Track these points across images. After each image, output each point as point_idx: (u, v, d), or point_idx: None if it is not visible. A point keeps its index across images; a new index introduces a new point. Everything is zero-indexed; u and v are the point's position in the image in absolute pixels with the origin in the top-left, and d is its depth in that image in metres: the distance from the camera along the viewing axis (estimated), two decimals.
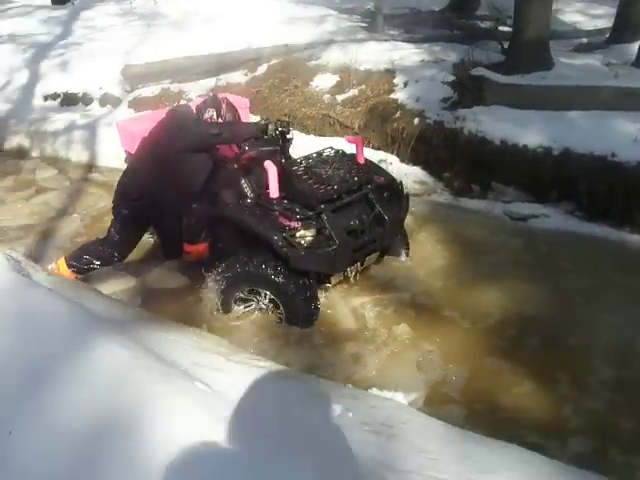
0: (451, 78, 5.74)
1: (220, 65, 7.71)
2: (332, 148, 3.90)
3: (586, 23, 8.83)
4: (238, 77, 7.46)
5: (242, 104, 4.70)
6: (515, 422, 2.87)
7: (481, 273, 4.16)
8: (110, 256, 3.94)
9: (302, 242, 3.36)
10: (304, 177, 3.53)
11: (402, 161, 5.63)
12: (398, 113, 5.83)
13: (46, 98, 7.96)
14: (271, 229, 3.37)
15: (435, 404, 2.96)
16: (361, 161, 3.90)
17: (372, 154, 5.70)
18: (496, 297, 3.87)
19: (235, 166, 3.80)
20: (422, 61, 6.80)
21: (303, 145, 5.49)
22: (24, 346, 2.00)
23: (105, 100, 7.65)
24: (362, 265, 3.83)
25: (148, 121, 4.21)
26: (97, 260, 3.93)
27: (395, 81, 6.34)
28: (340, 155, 3.84)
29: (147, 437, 1.73)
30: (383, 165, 5.52)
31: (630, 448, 2.75)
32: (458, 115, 5.44)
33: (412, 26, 8.54)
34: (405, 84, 6.22)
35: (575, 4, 9.89)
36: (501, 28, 8.10)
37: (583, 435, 2.83)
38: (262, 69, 7.34)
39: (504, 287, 3.97)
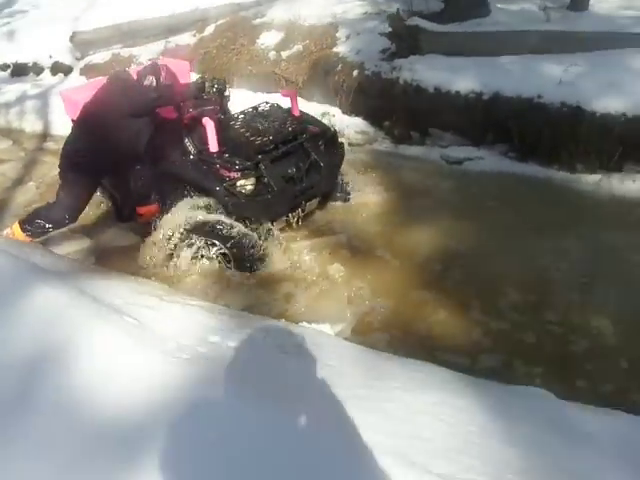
0: (389, 29, 5.91)
1: (169, 27, 7.80)
2: (267, 102, 4.13)
3: None
4: (187, 39, 7.56)
5: (183, 68, 4.84)
6: (432, 345, 3.18)
7: (414, 215, 4.45)
8: (61, 218, 4.12)
9: (242, 191, 3.61)
10: (241, 130, 3.76)
11: (344, 113, 5.85)
12: (339, 66, 6.02)
13: None
14: (213, 181, 3.62)
15: (360, 333, 3.27)
16: (296, 113, 4.13)
17: (315, 107, 5.93)
18: (425, 236, 4.17)
19: (177, 126, 3.99)
20: (365, 13, 6.95)
21: (250, 103, 5.71)
22: None
23: (56, 69, 7.73)
24: (303, 211, 4.08)
25: (91, 89, 4.33)
26: (49, 223, 4.11)
27: (338, 35, 6.51)
28: (275, 108, 4.07)
29: (76, 365, 2.00)
30: (326, 117, 5.78)
31: (531, 360, 3.09)
32: (395, 65, 5.65)
33: None
34: (347, 37, 6.40)
35: None
36: None
37: (491, 352, 3.17)
38: (210, 29, 7.45)
39: (433, 226, 4.27)
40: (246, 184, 3.64)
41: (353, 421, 1.96)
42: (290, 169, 3.82)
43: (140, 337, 2.13)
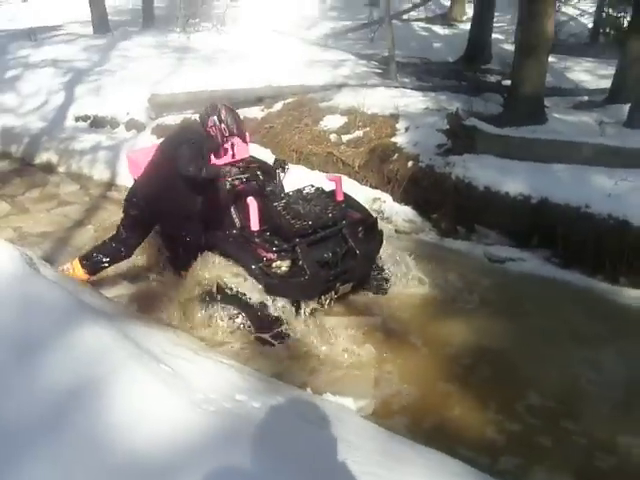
0: (447, 127, 6.16)
1: (240, 100, 8.24)
2: (312, 186, 4.28)
3: (591, 82, 9.22)
4: (255, 112, 7.97)
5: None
6: (451, 438, 3.19)
7: (450, 308, 4.51)
8: (117, 252, 4.37)
9: (277, 272, 3.76)
10: (283, 212, 3.91)
11: (395, 200, 6.04)
12: (395, 155, 6.27)
13: (77, 119, 8.59)
14: (250, 259, 3.79)
15: (381, 414, 3.32)
16: (340, 198, 4.27)
17: (368, 192, 6.18)
18: (459, 330, 4.22)
19: (226, 197, 4.18)
20: (426, 109, 7.26)
21: (307, 179, 5.99)
22: (23, 321, 2.43)
23: (131, 125, 8.23)
24: (336, 294, 4.19)
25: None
26: (106, 257, 4.37)
27: (397, 126, 6.80)
28: (319, 192, 4.22)
29: (112, 402, 2.14)
30: (377, 203, 6.00)
31: (553, 470, 3.06)
32: (449, 161, 5.86)
33: (424, 75, 9.05)
34: (406, 129, 6.68)
35: (584, 63, 10.33)
36: (507, 82, 8.54)
37: (511, 455, 3.15)
38: (278, 106, 7.86)
39: (468, 322, 4.32)
40: (281, 265, 3.78)
41: None
42: (326, 254, 3.95)
43: (173, 385, 2.26)
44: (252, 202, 3.83)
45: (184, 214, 4.18)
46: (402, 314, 4.43)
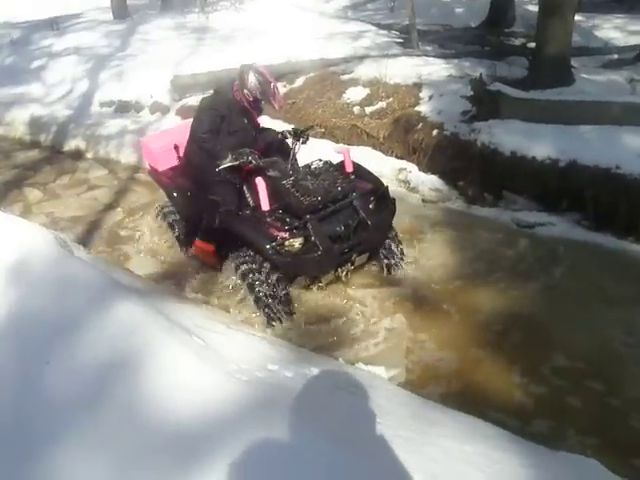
0: (471, 93, 6.08)
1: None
2: (320, 160, 4.25)
3: (621, 39, 8.93)
4: None
5: None
6: (483, 403, 3.20)
7: (480, 275, 4.50)
8: None
9: (290, 250, 3.77)
10: (292, 190, 3.91)
11: (420, 170, 6.00)
12: (420, 125, 6.21)
13: (102, 105, 8.70)
14: (262, 239, 3.81)
15: (413, 381, 3.36)
16: (349, 170, 4.24)
17: (393, 162, 6.16)
18: (489, 296, 4.21)
19: (238, 176, 4.19)
20: (449, 76, 7.15)
21: (331, 153, 5.99)
22: (59, 301, 2.52)
23: (155, 108, 8.30)
24: (352, 264, 4.20)
25: (169, 137, 4.90)
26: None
27: (421, 95, 6.73)
28: (327, 166, 4.19)
29: (147, 374, 2.21)
30: (403, 173, 5.98)
31: (586, 431, 3.06)
32: (474, 128, 5.79)
33: (446, 42, 8.90)
34: (430, 98, 6.60)
35: (614, 20, 9.98)
36: (531, 44, 8.34)
37: (543, 418, 3.16)
38: (299, 81, 7.83)
39: (498, 288, 4.31)
40: (294, 243, 3.78)
41: (397, 459, 2.05)
42: (338, 227, 3.95)
43: (206, 357, 2.32)
44: (260, 182, 3.81)
45: (199, 183, 4.23)
46: (431, 283, 4.43)
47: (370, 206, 4.16)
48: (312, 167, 4.14)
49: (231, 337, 2.80)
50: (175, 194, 4.75)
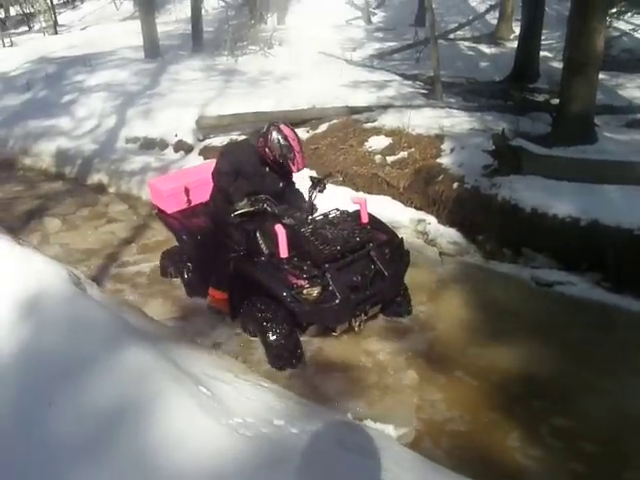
0: (493, 147, 6.08)
1: (285, 121, 8.31)
2: (337, 209, 4.24)
3: None
4: (300, 133, 7.94)
5: None
6: (495, 471, 3.09)
7: (496, 333, 4.38)
8: None
9: (308, 298, 3.74)
10: (311, 238, 3.90)
11: (439, 222, 5.96)
12: (440, 177, 6.21)
13: (128, 141, 8.87)
14: (280, 286, 3.79)
15: (421, 442, 3.25)
16: (365, 220, 4.24)
17: (412, 213, 6.13)
18: (504, 356, 4.10)
19: (254, 223, 4.17)
20: (472, 129, 7.18)
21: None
22: (69, 341, 2.50)
23: (179, 146, 8.43)
24: (366, 315, 4.15)
25: (179, 179, 4.97)
26: None
27: (443, 146, 6.74)
28: (345, 215, 4.18)
29: (152, 424, 2.16)
30: (421, 224, 5.96)
31: None
32: (495, 182, 5.77)
33: (469, 95, 8.96)
34: (452, 150, 6.61)
35: (638, 79, 10.02)
36: (555, 101, 8.37)
37: None
38: (323, 127, 7.91)
39: (514, 348, 4.19)
40: (312, 291, 3.75)
41: None
42: (355, 277, 3.93)
43: (211, 409, 2.27)
44: (279, 229, 3.80)
45: (216, 227, 4.27)
46: (446, 339, 4.35)
47: (386, 257, 4.15)
48: (330, 216, 4.14)
49: (238, 387, 2.74)
50: (185, 237, 4.73)
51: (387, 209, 6.17)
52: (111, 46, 14.29)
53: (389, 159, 6.86)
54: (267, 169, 4.21)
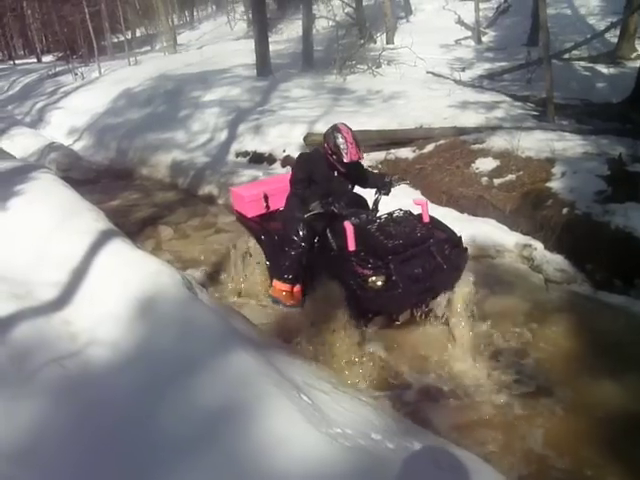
0: (608, 172, 5.83)
1: (392, 140, 8.40)
2: (401, 209, 4.53)
3: None
4: (406, 153, 8.07)
5: None
6: None
7: (604, 368, 4.17)
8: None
9: (373, 286, 4.03)
10: (376, 234, 4.23)
11: (546, 248, 5.77)
12: (549, 201, 6.01)
13: (238, 155, 9.26)
14: (349, 275, 4.14)
15: (517, 473, 3.15)
16: (426, 220, 4.51)
17: (518, 237, 5.98)
18: (610, 392, 3.88)
19: (324, 221, 4.56)
20: (585, 153, 6.90)
21: (457, 223, 6.00)
22: (181, 343, 2.66)
23: (286, 161, 8.68)
24: (427, 307, 4.39)
25: (258, 187, 5.52)
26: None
27: (553, 170, 6.53)
28: (408, 214, 4.49)
29: (252, 426, 2.26)
30: (527, 250, 5.81)
31: None
32: (608, 209, 5.51)
33: (584, 117, 8.61)
34: (563, 174, 6.39)
35: None
36: None
37: None
38: (429, 147, 7.89)
39: (623, 384, 3.96)
40: (377, 280, 4.04)
41: None
42: (416, 269, 4.19)
43: (312, 417, 2.33)
44: (348, 226, 4.15)
45: (287, 226, 4.75)
46: (548, 369, 4.19)
47: (446, 252, 4.38)
48: (394, 215, 4.45)
49: (337, 399, 2.79)
50: (263, 237, 5.22)
51: (492, 232, 6.08)
52: (225, 64, 14.98)
53: (496, 181, 6.74)
54: (335, 173, 4.64)
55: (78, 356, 2.96)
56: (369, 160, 8.11)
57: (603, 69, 12.24)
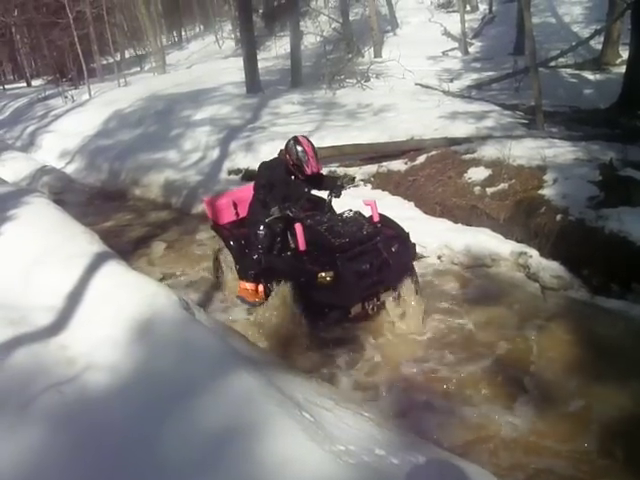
0: (600, 178, 5.86)
1: (383, 153, 8.43)
2: (351, 210, 4.91)
3: None
4: (398, 165, 8.09)
5: None
6: None
7: (604, 374, 4.16)
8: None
9: (323, 282, 4.37)
10: (325, 234, 4.60)
11: (541, 255, 5.76)
12: (543, 209, 6.02)
13: (230, 172, 9.28)
14: (298, 273, 4.55)
15: None
16: (376, 219, 4.88)
17: (513, 246, 5.98)
18: (615, 399, 3.87)
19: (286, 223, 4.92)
20: (576, 159, 6.93)
21: (450, 233, 6.00)
22: (180, 365, 2.64)
23: None
24: (378, 301, 4.75)
25: (227, 196, 5.93)
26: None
27: (545, 178, 6.55)
28: (357, 215, 4.88)
29: (256, 447, 2.23)
30: (522, 257, 5.81)
31: None
32: (601, 214, 5.53)
33: (573, 124, 8.69)
34: (554, 181, 6.41)
35: None
36: None
37: None
38: (421, 159, 7.91)
39: (625, 390, 3.95)
40: (325, 276, 4.37)
41: None
42: (364, 265, 4.52)
43: (315, 435, 2.31)
44: (298, 227, 4.55)
45: (250, 230, 5.11)
46: (547, 376, 4.19)
47: (393, 249, 4.71)
48: (343, 216, 4.85)
49: (339, 415, 2.77)
50: (231, 242, 5.52)
51: (487, 241, 6.08)
52: (215, 82, 15.03)
53: (489, 191, 6.76)
54: (292, 177, 5.01)
55: (76, 381, 2.93)
56: (361, 173, 8.15)
57: (589, 76, 12.39)
